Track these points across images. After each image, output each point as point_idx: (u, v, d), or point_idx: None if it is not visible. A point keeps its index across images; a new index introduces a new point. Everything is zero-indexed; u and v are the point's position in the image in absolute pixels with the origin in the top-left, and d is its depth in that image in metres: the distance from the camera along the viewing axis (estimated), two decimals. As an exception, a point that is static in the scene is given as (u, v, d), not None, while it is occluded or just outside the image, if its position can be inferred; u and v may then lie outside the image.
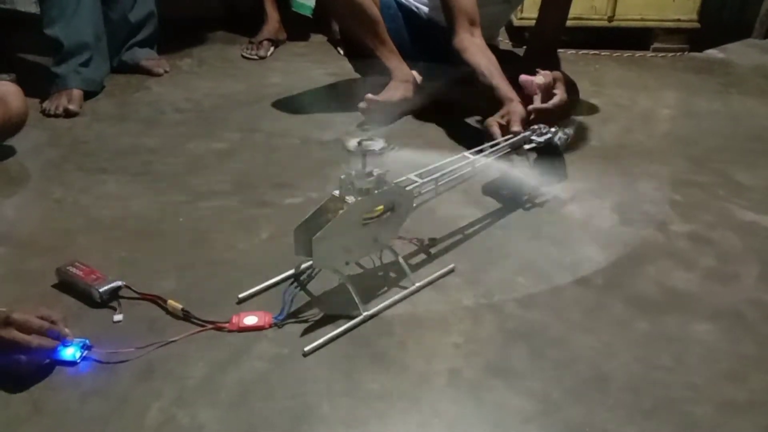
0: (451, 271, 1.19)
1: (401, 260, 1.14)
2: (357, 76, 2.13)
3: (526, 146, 1.35)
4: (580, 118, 1.82)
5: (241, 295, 1.09)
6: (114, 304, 1.08)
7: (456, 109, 1.80)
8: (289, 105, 1.92)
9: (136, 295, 1.09)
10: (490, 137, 1.39)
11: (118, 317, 1.05)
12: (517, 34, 2.46)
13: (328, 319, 1.05)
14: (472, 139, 1.44)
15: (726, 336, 1.06)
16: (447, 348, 1.02)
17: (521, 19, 2.38)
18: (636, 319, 1.09)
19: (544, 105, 1.42)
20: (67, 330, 0.97)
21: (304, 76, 2.17)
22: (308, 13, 2.50)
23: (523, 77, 1.46)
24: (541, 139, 1.35)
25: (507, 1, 1.88)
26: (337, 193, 1.05)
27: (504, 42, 2.47)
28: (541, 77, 1.45)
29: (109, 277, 1.10)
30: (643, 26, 2.45)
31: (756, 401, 0.94)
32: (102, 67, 2.01)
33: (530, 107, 1.43)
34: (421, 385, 0.94)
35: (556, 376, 0.97)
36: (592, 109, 1.94)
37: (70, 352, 0.95)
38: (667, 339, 1.05)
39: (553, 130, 1.37)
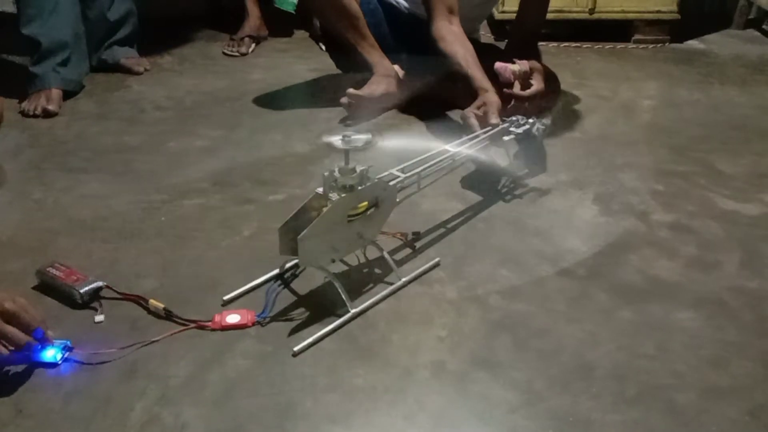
0: (437, 265, 1.19)
1: (387, 256, 1.14)
2: (339, 71, 2.13)
3: (505, 138, 1.35)
4: (561, 110, 1.82)
5: (225, 297, 1.08)
6: (95, 304, 1.07)
7: (438, 103, 1.80)
8: (271, 101, 1.91)
9: (118, 296, 1.08)
10: (468, 130, 1.39)
11: (99, 318, 1.04)
12: (498, 27, 2.46)
13: (314, 318, 1.05)
14: (454, 131, 1.45)
15: (708, 323, 1.07)
16: (431, 341, 1.02)
17: (502, 12, 2.37)
18: (619, 308, 1.10)
19: (521, 92, 1.42)
20: (50, 332, 0.96)
21: (286, 72, 2.16)
22: (291, 9, 2.49)
23: (498, 64, 1.46)
24: (520, 130, 1.35)
25: (487, -7, 1.88)
26: (320, 190, 1.04)
27: (486, 36, 2.47)
28: (516, 65, 1.45)
29: (90, 277, 1.09)
30: (624, 18, 2.46)
31: (738, 387, 0.94)
32: (81, 66, 1.99)
33: (506, 90, 1.42)
34: (405, 378, 0.94)
35: (541, 366, 0.97)
36: (574, 101, 1.94)
37: (51, 354, 0.94)
38: (650, 327, 1.06)
39: (531, 121, 1.37)
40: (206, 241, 1.25)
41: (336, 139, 1.01)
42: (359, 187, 1.03)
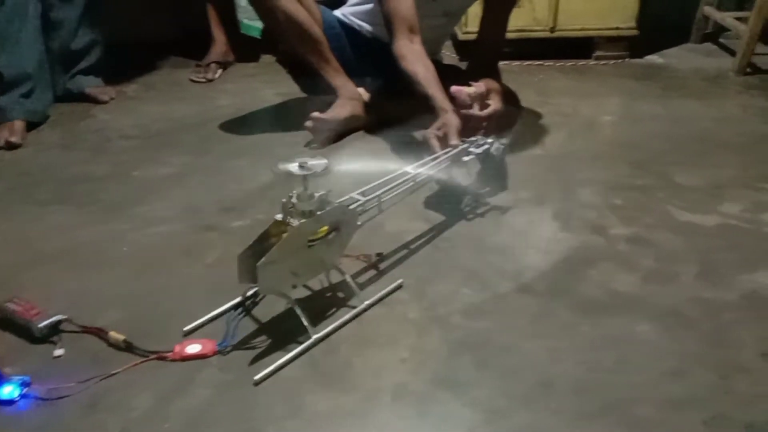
0: (400, 286, 1.20)
1: (349, 279, 1.14)
2: (306, 95, 2.15)
3: (465, 158, 1.37)
4: (523, 129, 1.85)
5: (185, 328, 1.08)
6: (55, 338, 1.06)
7: (403, 124, 1.82)
8: (237, 127, 1.92)
9: (78, 329, 1.07)
10: (429, 150, 1.41)
11: (58, 352, 1.03)
12: (462, 48, 2.50)
13: (276, 345, 1.05)
14: (419, 153, 1.46)
15: (667, 335, 1.09)
16: (393, 363, 1.02)
17: (466, 33, 2.41)
18: (580, 323, 1.11)
19: (477, 112, 1.45)
20: (7, 368, 0.95)
21: (253, 97, 2.17)
22: (257, 35, 2.51)
23: (454, 88, 1.48)
24: (479, 150, 1.37)
25: (446, 15, 1.91)
26: (279, 216, 1.05)
27: (450, 56, 2.50)
28: (472, 87, 1.47)
29: (50, 311, 1.08)
30: (585, 35, 2.51)
31: (696, 397, 0.96)
32: (45, 97, 1.99)
33: (463, 111, 1.45)
34: (367, 402, 0.95)
35: (502, 384, 0.98)
36: (537, 119, 1.98)
37: (8, 391, 0.93)
38: (610, 341, 1.07)
39: (490, 141, 1.39)
40: (169, 270, 1.25)
41: (292, 166, 1.02)
42: (318, 213, 1.04)
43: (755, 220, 1.43)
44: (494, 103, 1.48)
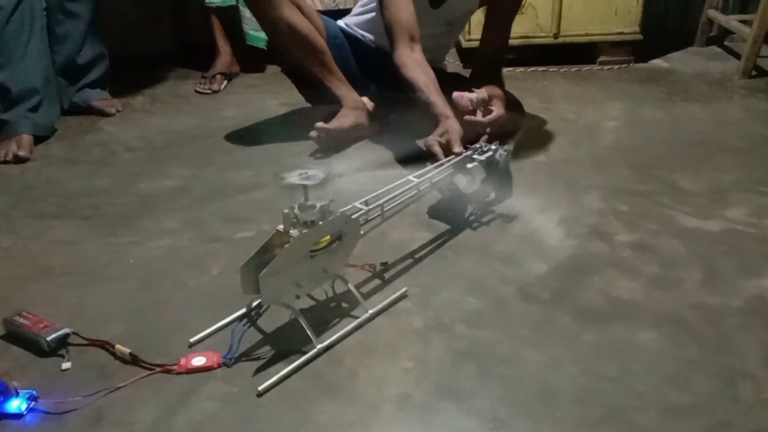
0: (404, 296, 1.20)
1: (353, 289, 1.15)
2: (310, 105, 2.16)
3: (469, 165, 1.37)
4: (527, 135, 1.85)
5: (192, 339, 1.08)
6: (63, 351, 1.07)
7: (408, 132, 1.82)
8: (241, 138, 1.93)
9: (85, 342, 1.08)
10: (432, 158, 1.41)
11: (66, 365, 1.04)
12: (466, 55, 2.50)
13: (280, 356, 1.05)
14: (423, 161, 1.47)
15: (669, 342, 1.09)
16: (397, 373, 1.02)
17: (469, 40, 2.42)
18: (582, 331, 1.11)
19: (480, 119, 1.45)
20: (15, 382, 0.96)
21: (258, 108, 2.18)
22: (263, 45, 2.52)
23: (456, 93, 1.48)
24: (483, 157, 1.37)
25: (448, 23, 1.92)
26: (281, 227, 1.06)
27: (455, 64, 2.51)
28: (474, 93, 1.47)
29: (57, 324, 1.09)
30: (588, 41, 2.51)
31: (698, 404, 0.96)
32: (52, 111, 2.00)
33: (466, 117, 1.45)
34: (371, 413, 0.95)
35: (504, 394, 0.98)
36: (540, 125, 1.98)
37: (15, 405, 0.94)
38: (612, 349, 1.07)
39: (493, 147, 1.39)
40: (174, 282, 1.26)
41: (293, 176, 1.03)
42: (320, 222, 1.05)
43: (760, 224, 1.43)
44: (497, 109, 1.49)
